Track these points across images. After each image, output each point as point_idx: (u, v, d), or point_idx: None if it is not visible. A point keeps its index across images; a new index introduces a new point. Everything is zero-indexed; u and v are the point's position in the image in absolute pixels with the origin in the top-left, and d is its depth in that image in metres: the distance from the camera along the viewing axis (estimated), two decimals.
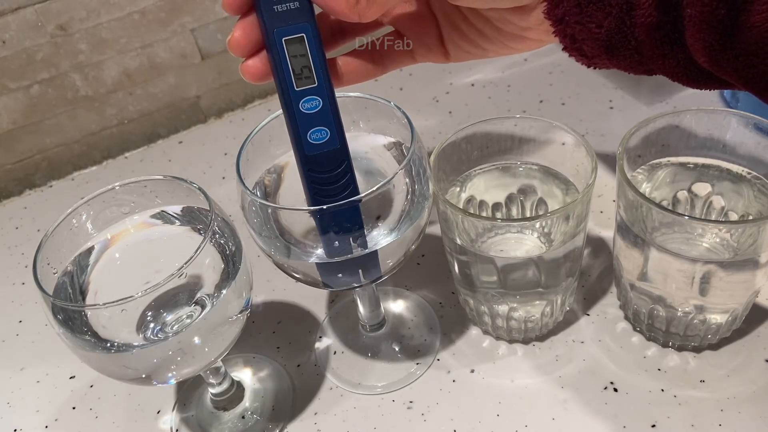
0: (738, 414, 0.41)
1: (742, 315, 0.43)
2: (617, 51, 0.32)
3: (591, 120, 0.62)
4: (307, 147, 0.35)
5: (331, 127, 0.35)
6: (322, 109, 0.34)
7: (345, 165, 0.35)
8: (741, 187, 0.42)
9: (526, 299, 0.43)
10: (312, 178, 0.35)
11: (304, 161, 0.35)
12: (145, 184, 0.39)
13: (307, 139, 0.35)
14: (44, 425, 0.47)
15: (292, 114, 0.34)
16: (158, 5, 0.62)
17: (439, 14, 0.39)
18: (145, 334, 0.36)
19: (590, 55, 0.34)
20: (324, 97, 0.34)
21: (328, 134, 0.35)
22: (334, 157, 0.35)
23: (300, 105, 0.34)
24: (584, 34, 0.33)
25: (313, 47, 0.33)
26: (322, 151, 0.35)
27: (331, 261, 0.38)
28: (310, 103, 0.34)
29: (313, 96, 0.34)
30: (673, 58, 0.31)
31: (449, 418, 0.43)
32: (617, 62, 0.33)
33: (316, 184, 0.35)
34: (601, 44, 0.32)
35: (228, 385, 0.44)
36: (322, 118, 0.34)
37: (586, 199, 0.39)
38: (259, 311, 0.51)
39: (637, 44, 0.31)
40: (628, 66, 0.33)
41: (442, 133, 0.57)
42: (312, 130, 0.34)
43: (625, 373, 0.43)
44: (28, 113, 0.62)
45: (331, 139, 0.35)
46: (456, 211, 0.39)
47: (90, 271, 0.38)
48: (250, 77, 0.35)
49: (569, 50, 0.34)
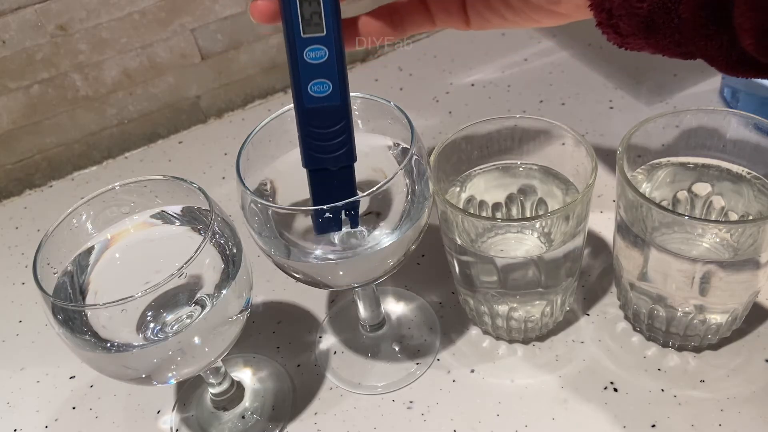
0: (738, 414, 0.41)
1: (742, 315, 0.43)
2: (657, 30, 0.30)
3: (591, 120, 0.62)
4: (306, 99, 0.33)
5: (335, 81, 0.33)
6: (327, 61, 0.33)
7: (344, 123, 0.34)
8: (741, 187, 0.42)
9: (526, 299, 0.43)
10: (307, 132, 0.34)
11: (301, 113, 0.34)
12: (145, 184, 0.39)
13: (308, 90, 0.33)
14: (44, 425, 0.47)
15: (294, 62, 0.33)
16: (158, 5, 0.62)
17: None
18: (145, 334, 0.36)
19: (625, 33, 0.32)
20: (331, 48, 0.33)
21: (330, 88, 0.33)
22: (333, 113, 0.34)
23: (305, 53, 0.32)
24: (623, 9, 0.31)
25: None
26: (322, 105, 0.33)
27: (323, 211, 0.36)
28: (316, 53, 0.33)
29: (319, 45, 0.33)
30: (717, 39, 0.29)
31: (449, 418, 0.43)
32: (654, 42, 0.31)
33: (311, 139, 0.34)
34: (640, 21, 0.30)
35: (228, 385, 0.44)
36: (327, 70, 0.33)
37: (586, 199, 0.39)
38: (259, 311, 0.51)
39: (680, 23, 0.29)
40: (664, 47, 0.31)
41: (442, 133, 0.57)
42: (314, 82, 0.33)
43: (625, 373, 0.43)
44: (28, 113, 0.62)
45: (332, 94, 0.33)
46: (456, 211, 0.39)
47: (90, 271, 0.38)
48: (259, 16, 0.34)
49: (603, 27, 0.32)
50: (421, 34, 0.75)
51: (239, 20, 0.66)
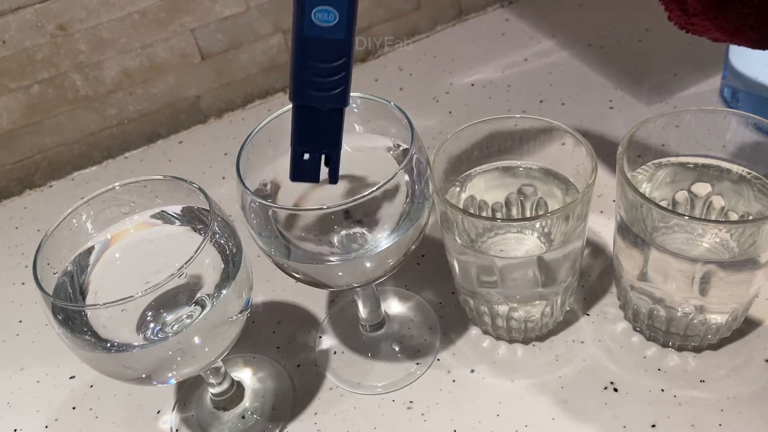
0: (738, 414, 0.41)
1: (742, 315, 0.43)
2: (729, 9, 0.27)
3: (591, 120, 0.62)
4: (307, 25, 0.30)
5: (343, 11, 0.30)
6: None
7: (344, 61, 0.31)
8: (741, 187, 0.42)
9: (526, 299, 0.43)
10: (303, 63, 0.31)
11: (299, 40, 0.31)
12: (145, 184, 0.39)
13: (311, 16, 0.30)
14: (44, 425, 0.47)
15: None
16: (158, 5, 0.62)
17: None
18: (145, 334, 0.36)
19: (693, 12, 0.29)
20: None
21: (336, 18, 0.30)
22: (335, 47, 0.31)
23: None
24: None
25: None
26: (323, 35, 0.30)
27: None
28: None
29: None
30: None
31: (449, 418, 0.43)
32: (724, 24, 0.28)
33: (306, 71, 0.31)
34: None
35: (228, 385, 0.44)
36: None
37: (586, 199, 0.39)
38: (259, 311, 0.51)
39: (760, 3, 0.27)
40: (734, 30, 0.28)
41: (442, 133, 0.58)
42: (319, 8, 0.30)
43: (625, 373, 0.43)
44: (28, 113, 0.62)
45: (337, 26, 0.30)
46: (456, 211, 0.39)
47: (90, 271, 0.38)
48: None
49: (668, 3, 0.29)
50: (422, 34, 0.75)
51: (239, 20, 0.66)
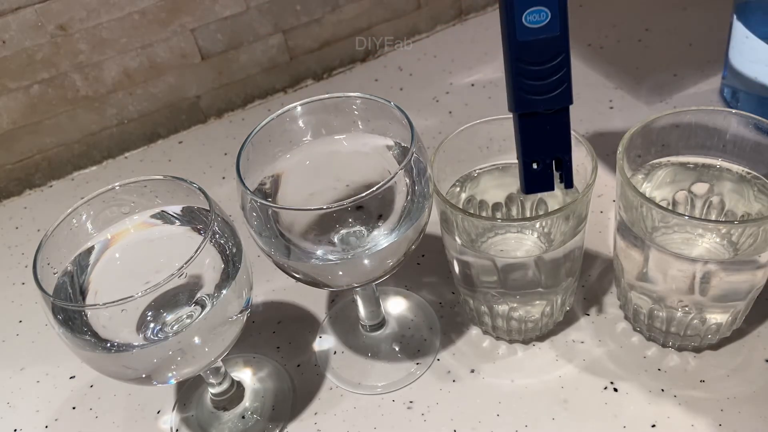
0: (738, 414, 0.41)
1: (742, 315, 0.43)
2: None
3: (591, 120, 0.62)
4: (520, 31, 0.29)
5: (554, 7, 0.29)
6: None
7: (563, 57, 0.30)
8: (741, 187, 0.42)
9: (526, 299, 0.43)
10: (520, 70, 0.30)
11: (514, 48, 0.30)
12: (145, 184, 0.39)
13: (522, 21, 0.29)
14: (44, 425, 0.47)
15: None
16: (158, 5, 0.62)
17: None
18: (145, 334, 0.36)
19: None
20: None
21: (548, 17, 0.29)
22: (551, 46, 0.30)
23: None
24: None
25: None
26: (538, 37, 0.30)
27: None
28: None
29: None
30: None
31: (449, 418, 0.43)
32: None
33: (524, 77, 0.30)
34: None
35: (228, 385, 0.44)
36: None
37: (586, 199, 0.39)
38: (259, 311, 0.51)
39: None
40: None
41: (442, 133, 0.57)
42: (530, 11, 0.29)
43: (625, 373, 0.43)
44: (28, 113, 0.62)
45: (550, 23, 0.29)
46: (456, 211, 0.39)
47: (90, 271, 0.38)
48: None
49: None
50: (421, 34, 0.75)
51: (239, 20, 0.66)
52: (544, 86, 0.31)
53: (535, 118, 0.32)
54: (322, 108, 0.42)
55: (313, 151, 0.43)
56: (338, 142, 0.43)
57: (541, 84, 0.31)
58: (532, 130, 0.33)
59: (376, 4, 0.71)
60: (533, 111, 0.32)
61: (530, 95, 0.31)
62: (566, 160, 0.33)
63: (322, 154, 0.43)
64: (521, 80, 0.31)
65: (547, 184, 0.34)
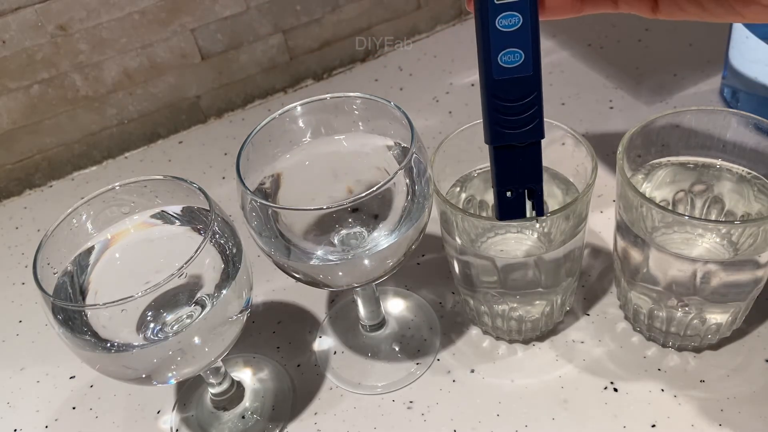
0: (738, 414, 0.41)
1: (742, 315, 0.43)
2: None
3: (591, 120, 0.62)
4: (495, 69, 0.32)
5: (527, 49, 0.31)
6: (520, 28, 0.31)
7: (534, 96, 0.33)
8: (741, 187, 0.42)
9: (526, 299, 0.43)
10: (495, 106, 0.32)
11: (489, 86, 0.32)
12: (145, 184, 0.39)
13: (498, 60, 0.32)
14: (44, 425, 0.47)
15: (486, 30, 0.31)
16: (158, 5, 0.62)
17: None
18: (145, 334, 0.36)
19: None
20: (525, 15, 0.31)
21: (522, 58, 0.32)
22: (524, 84, 0.32)
23: (497, 21, 0.31)
24: None
25: None
26: (512, 76, 0.32)
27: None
28: (509, 20, 0.31)
29: (512, 12, 0.31)
30: None
31: (449, 418, 0.43)
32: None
33: (499, 113, 0.33)
34: None
35: (228, 385, 0.44)
36: (519, 39, 0.31)
37: (586, 199, 0.39)
38: (259, 311, 0.51)
39: None
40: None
41: (442, 133, 0.57)
42: (504, 51, 0.31)
43: (625, 373, 0.43)
44: (28, 113, 0.62)
45: (524, 64, 0.32)
46: (456, 211, 0.39)
47: (90, 271, 0.38)
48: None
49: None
50: (421, 34, 0.75)
51: (239, 20, 0.66)
52: (518, 121, 0.33)
53: (509, 151, 0.34)
54: (322, 108, 0.42)
55: (313, 151, 0.43)
56: (338, 142, 0.43)
57: (515, 119, 0.33)
58: (506, 162, 0.35)
59: (376, 4, 0.71)
60: (507, 144, 0.34)
61: (505, 129, 0.33)
62: (538, 190, 0.36)
63: (322, 154, 0.43)
64: (496, 115, 0.33)
65: (519, 211, 0.36)
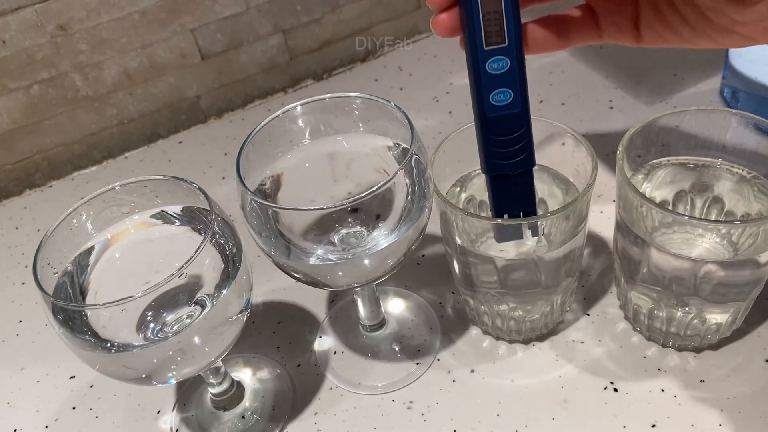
0: (738, 414, 0.41)
1: (742, 315, 0.43)
2: None
3: (591, 120, 0.62)
4: (488, 108, 0.35)
5: (516, 89, 0.34)
6: (508, 71, 0.34)
7: (524, 130, 0.35)
8: (741, 187, 0.42)
9: (526, 299, 0.43)
10: (489, 140, 0.35)
11: (483, 122, 0.35)
12: (145, 184, 0.39)
13: (489, 100, 0.35)
14: (44, 425, 0.47)
15: (477, 73, 0.34)
16: (158, 5, 0.62)
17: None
18: (145, 334, 0.36)
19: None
20: (512, 59, 0.34)
21: (511, 96, 0.35)
22: (514, 120, 0.35)
23: (486, 65, 0.34)
24: None
25: (509, 5, 0.33)
26: (503, 113, 0.35)
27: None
28: (497, 64, 0.34)
29: (501, 56, 0.34)
30: None
31: (449, 418, 0.43)
32: None
33: (492, 147, 0.36)
34: None
35: (228, 385, 0.44)
36: (508, 80, 0.34)
37: (586, 199, 0.39)
38: (259, 311, 0.51)
39: None
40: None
41: (442, 133, 0.57)
42: (495, 92, 0.34)
43: (625, 373, 0.43)
44: (28, 113, 0.62)
45: (513, 102, 0.35)
46: (456, 211, 0.39)
47: (90, 271, 0.38)
48: (441, 30, 0.35)
49: None
50: (421, 34, 0.75)
51: (239, 20, 0.66)
52: (510, 153, 0.36)
53: (504, 179, 0.37)
54: (322, 108, 0.42)
55: (313, 151, 0.43)
56: (338, 142, 0.43)
57: (507, 151, 0.36)
58: (501, 189, 0.37)
59: (376, 4, 0.71)
60: (502, 173, 0.37)
61: (499, 160, 0.36)
62: (531, 214, 0.38)
63: (322, 154, 0.43)
64: (490, 148, 0.36)
65: (516, 234, 0.39)
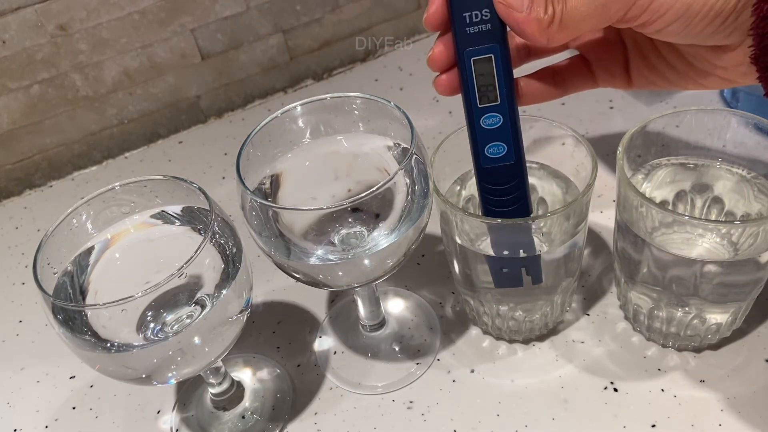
0: (738, 414, 0.41)
1: (742, 315, 0.43)
2: None
3: (591, 120, 0.62)
4: (483, 160, 0.37)
5: (509, 143, 0.36)
6: (501, 126, 0.36)
7: (518, 180, 0.37)
8: (741, 187, 0.42)
9: (526, 299, 0.43)
10: (485, 189, 0.37)
11: (479, 172, 0.37)
12: (145, 184, 0.39)
13: (485, 152, 0.36)
14: (44, 425, 0.47)
15: (472, 128, 0.36)
16: (158, 5, 0.62)
17: (629, 43, 0.39)
18: (145, 334, 0.36)
19: None
20: (505, 115, 0.36)
21: (505, 150, 0.36)
22: (508, 171, 0.37)
23: (481, 120, 0.36)
24: None
25: (500, 67, 0.35)
26: (497, 165, 0.37)
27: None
28: (491, 120, 0.36)
29: (494, 113, 0.36)
30: None
31: (449, 418, 0.43)
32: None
33: (489, 195, 0.37)
34: None
35: (228, 385, 0.44)
36: (501, 134, 0.36)
37: (586, 199, 0.39)
38: (259, 311, 0.51)
39: None
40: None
41: (442, 133, 0.57)
42: (490, 145, 0.36)
43: (625, 373, 0.43)
44: (28, 113, 0.62)
45: (507, 155, 0.36)
46: (456, 211, 0.39)
47: (90, 271, 0.38)
48: (442, 90, 0.37)
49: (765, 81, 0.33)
50: (421, 34, 0.75)
51: (239, 20, 0.66)
52: (507, 201, 0.37)
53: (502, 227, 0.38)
54: (322, 108, 0.42)
55: (313, 151, 0.43)
56: (338, 142, 0.43)
57: (503, 200, 0.37)
58: (500, 236, 0.39)
59: (376, 4, 0.71)
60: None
61: (495, 208, 0.38)
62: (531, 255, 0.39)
63: (322, 154, 0.43)
64: (487, 197, 0.38)
65: (517, 281, 0.40)
